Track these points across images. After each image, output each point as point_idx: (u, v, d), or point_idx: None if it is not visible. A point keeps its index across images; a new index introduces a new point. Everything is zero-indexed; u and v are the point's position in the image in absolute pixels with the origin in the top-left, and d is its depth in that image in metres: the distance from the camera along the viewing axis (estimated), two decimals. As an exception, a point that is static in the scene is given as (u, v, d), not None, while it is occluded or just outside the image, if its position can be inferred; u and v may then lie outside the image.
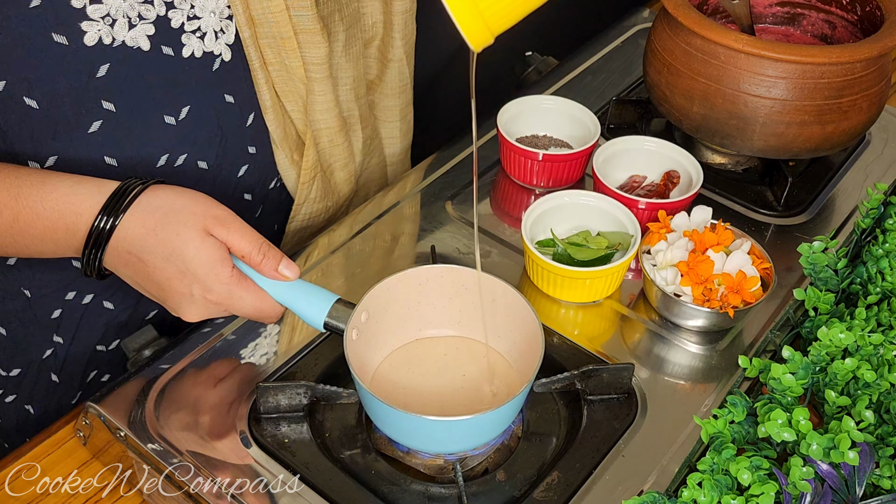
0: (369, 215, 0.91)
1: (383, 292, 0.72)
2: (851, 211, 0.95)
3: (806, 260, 0.79)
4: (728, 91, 0.88)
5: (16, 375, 0.87)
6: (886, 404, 0.67)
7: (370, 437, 0.70)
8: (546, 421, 0.72)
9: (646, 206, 0.86)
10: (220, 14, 0.76)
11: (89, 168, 0.75)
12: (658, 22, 0.97)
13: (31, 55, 0.68)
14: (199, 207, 0.68)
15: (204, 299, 0.69)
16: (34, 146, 0.72)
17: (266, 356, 0.76)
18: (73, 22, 0.68)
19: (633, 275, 0.86)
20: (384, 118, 1.03)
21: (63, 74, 0.70)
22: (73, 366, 0.87)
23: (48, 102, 0.70)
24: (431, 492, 0.66)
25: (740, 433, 0.67)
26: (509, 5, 0.52)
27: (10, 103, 0.70)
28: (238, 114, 0.82)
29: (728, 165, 0.99)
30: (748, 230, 0.90)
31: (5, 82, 0.69)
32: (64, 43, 0.68)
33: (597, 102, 1.08)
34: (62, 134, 0.73)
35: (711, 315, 0.78)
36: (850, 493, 0.61)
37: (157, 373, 0.74)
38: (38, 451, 0.72)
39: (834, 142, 0.91)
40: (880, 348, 0.70)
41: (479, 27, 0.52)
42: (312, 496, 0.65)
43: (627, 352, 0.78)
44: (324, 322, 0.70)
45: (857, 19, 0.98)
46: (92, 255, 0.68)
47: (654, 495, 0.63)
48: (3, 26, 0.66)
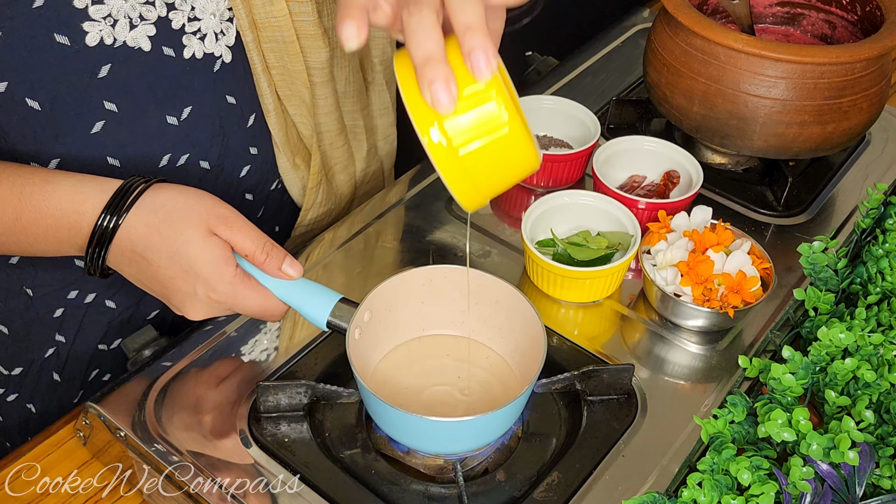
0: (369, 215, 0.91)
1: (387, 291, 0.72)
2: (851, 211, 0.95)
3: (806, 260, 0.79)
4: (728, 91, 0.88)
5: (17, 374, 0.87)
6: (886, 404, 0.67)
7: (370, 436, 0.70)
8: (546, 421, 0.72)
9: (646, 206, 0.86)
10: (220, 16, 0.76)
11: (92, 168, 0.75)
12: (658, 22, 0.97)
13: (33, 55, 0.68)
14: (202, 206, 0.68)
15: (208, 298, 0.69)
16: (36, 146, 0.73)
17: (266, 355, 0.76)
18: (76, 22, 0.68)
19: (633, 275, 0.86)
20: None
21: (65, 75, 0.70)
22: (74, 365, 0.87)
23: (50, 103, 0.71)
24: (431, 492, 0.66)
25: (740, 433, 0.67)
26: (501, 180, 0.55)
27: (12, 104, 0.70)
28: (239, 114, 0.82)
29: (728, 165, 0.99)
30: (748, 230, 0.90)
31: (7, 83, 0.69)
32: (66, 43, 0.68)
33: (597, 102, 1.08)
34: (64, 134, 0.73)
35: (711, 315, 0.78)
36: (850, 493, 0.61)
37: (157, 373, 0.74)
38: (38, 451, 0.72)
39: (834, 142, 0.91)
40: (880, 348, 0.70)
41: (473, 196, 0.55)
42: (312, 496, 0.65)
43: (627, 352, 0.78)
44: (327, 321, 0.70)
45: (857, 19, 0.98)
46: (95, 254, 0.68)
47: (654, 495, 0.63)
48: (5, 26, 0.66)
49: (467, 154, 0.52)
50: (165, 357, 0.75)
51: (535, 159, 0.54)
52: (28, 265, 0.80)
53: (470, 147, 0.52)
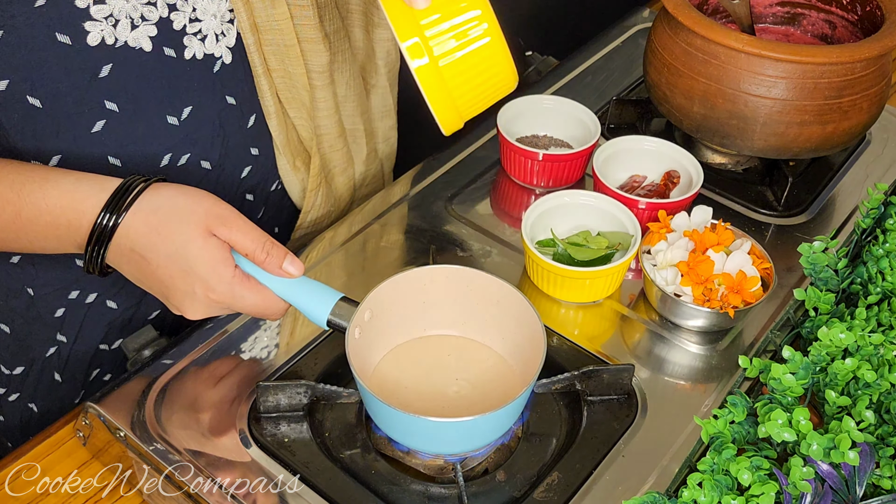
0: (369, 215, 0.91)
1: (388, 291, 0.72)
2: (852, 211, 0.95)
3: (806, 260, 0.79)
4: (728, 91, 0.88)
5: (19, 374, 0.87)
6: (887, 404, 0.67)
7: (370, 436, 0.70)
8: (546, 421, 0.72)
9: (646, 206, 0.86)
10: (221, 17, 0.76)
11: (93, 167, 0.75)
12: (658, 22, 0.97)
13: (34, 54, 0.68)
14: (201, 206, 0.68)
15: (206, 298, 0.69)
16: (37, 144, 0.73)
17: (266, 355, 0.76)
18: (77, 22, 0.68)
19: (633, 275, 0.86)
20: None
21: (66, 74, 0.70)
22: (76, 364, 0.87)
23: (51, 101, 0.71)
24: (431, 492, 0.66)
25: (740, 433, 0.67)
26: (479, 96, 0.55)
27: (13, 102, 0.70)
28: (239, 115, 0.82)
29: (728, 165, 0.99)
30: (748, 230, 0.90)
31: (9, 81, 0.69)
32: (67, 42, 0.68)
33: (597, 102, 1.08)
34: (65, 133, 0.73)
35: (711, 315, 0.78)
36: (850, 493, 0.61)
37: (157, 373, 0.74)
38: (38, 451, 0.72)
39: (834, 142, 0.91)
40: (880, 348, 0.70)
41: (452, 115, 0.55)
42: (312, 496, 0.65)
43: (627, 352, 0.78)
44: (327, 319, 0.70)
45: (857, 19, 0.98)
46: (94, 252, 0.68)
47: (654, 495, 0.63)
48: (7, 25, 0.66)
49: (448, 65, 0.52)
50: (165, 357, 0.75)
51: (512, 74, 0.54)
52: (29, 264, 0.80)
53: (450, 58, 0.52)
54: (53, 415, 0.88)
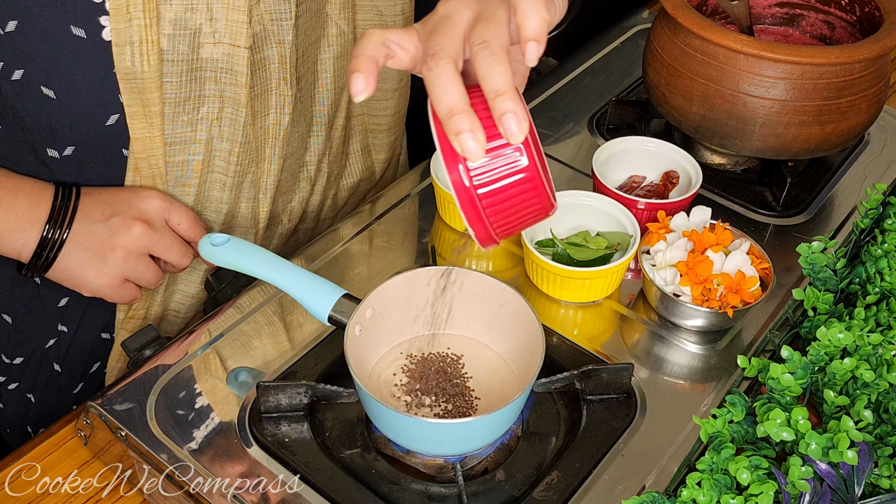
0: (369, 215, 0.91)
1: (391, 290, 0.72)
2: (850, 211, 0.95)
3: (805, 260, 0.79)
4: (727, 91, 0.88)
5: (19, 364, 0.87)
6: (885, 404, 0.67)
7: (370, 436, 0.70)
8: (546, 421, 0.72)
9: (645, 206, 0.86)
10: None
11: (107, 159, 0.76)
12: (657, 23, 0.97)
13: (48, 46, 0.69)
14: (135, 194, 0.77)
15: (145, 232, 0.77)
16: (52, 134, 0.74)
17: (266, 355, 0.76)
18: (92, 16, 0.69)
19: (633, 275, 0.86)
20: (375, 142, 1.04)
21: (80, 67, 0.70)
22: (75, 356, 0.88)
23: (65, 93, 0.71)
24: (431, 491, 0.66)
25: (739, 433, 0.67)
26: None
27: (28, 91, 0.71)
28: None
29: (727, 166, 0.99)
30: (747, 230, 0.90)
31: (24, 70, 0.69)
32: (82, 36, 0.69)
33: (596, 103, 1.08)
34: (79, 125, 0.73)
35: (710, 315, 0.78)
36: (848, 492, 0.61)
37: (157, 372, 0.74)
38: (38, 450, 0.73)
39: (833, 142, 0.91)
40: (879, 348, 0.70)
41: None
42: (312, 496, 0.65)
43: (627, 352, 0.78)
44: (329, 315, 0.70)
45: (856, 20, 0.99)
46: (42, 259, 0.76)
47: (654, 495, 0.63)
48: (21, 15, 0.67)
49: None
50: (166, 357, 0.75)
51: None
52: None
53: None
54: (51, 405, 0.89)
